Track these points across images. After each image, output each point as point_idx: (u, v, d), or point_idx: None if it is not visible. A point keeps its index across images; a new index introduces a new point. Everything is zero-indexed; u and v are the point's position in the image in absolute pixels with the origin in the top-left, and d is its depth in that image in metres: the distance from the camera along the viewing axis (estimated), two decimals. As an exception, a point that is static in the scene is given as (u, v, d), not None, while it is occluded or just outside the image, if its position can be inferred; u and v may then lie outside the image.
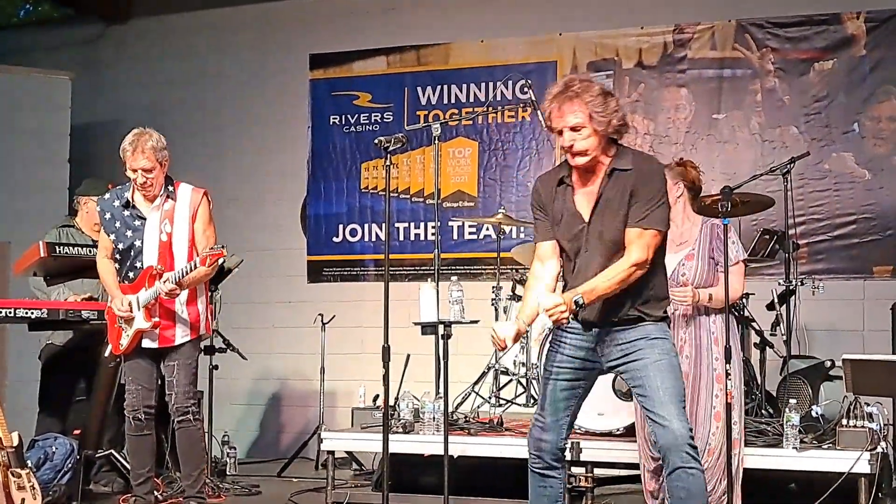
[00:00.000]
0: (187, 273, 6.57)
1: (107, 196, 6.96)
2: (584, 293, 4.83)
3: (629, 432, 6.95)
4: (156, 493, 7.18)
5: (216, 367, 8.69)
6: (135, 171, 6.68)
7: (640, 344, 4.99)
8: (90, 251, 7.71)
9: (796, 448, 6.53)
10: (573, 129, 4.91)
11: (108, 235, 6.84)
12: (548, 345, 5.24)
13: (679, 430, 4.89)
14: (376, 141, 6.24)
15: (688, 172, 6.32)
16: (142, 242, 6.76)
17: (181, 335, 6.78)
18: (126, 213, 6.80)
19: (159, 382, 7.04)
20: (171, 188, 6.83)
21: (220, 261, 6.65)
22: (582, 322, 5.05)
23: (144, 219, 6.78)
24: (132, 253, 6.77)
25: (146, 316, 6.69)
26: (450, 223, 10.09)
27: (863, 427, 6.51)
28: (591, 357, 5.09)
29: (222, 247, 6.53)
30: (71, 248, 7.87)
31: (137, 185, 6.73)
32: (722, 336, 6.12)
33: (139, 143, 6.66)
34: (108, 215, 6.86)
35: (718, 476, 6.05)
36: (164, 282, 6.54)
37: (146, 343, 6.77)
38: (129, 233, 6.78)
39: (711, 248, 6.16)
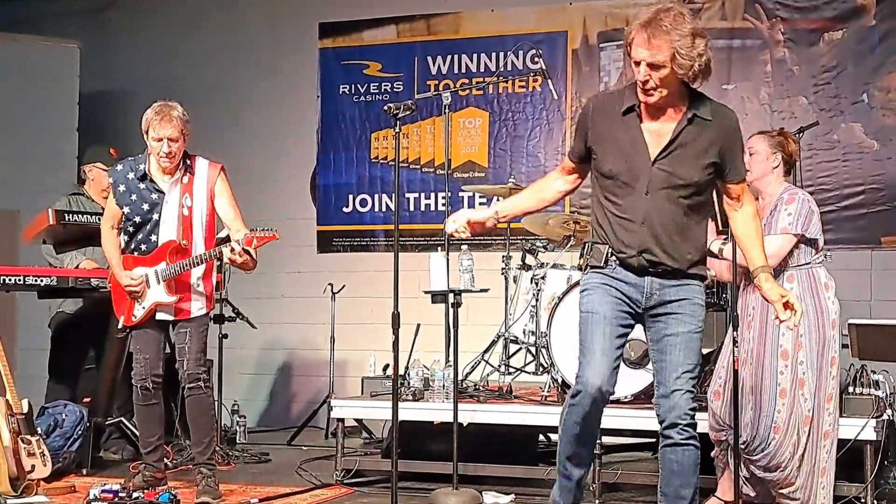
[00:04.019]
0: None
1: (119, 167, 6.83)
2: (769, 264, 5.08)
3: (637, 399, 6.98)
4: (165, 460, 7.19)
5: (226, 336, 8.73)
6: (160, 140, 6.56)
7: (685, 306, 4.85)
8: (99, 219, 7.72)
9: (803, 416, 6.53)
10: (652, 65, 4.70)
11: (122, 208, 6.73)
12: (587, 289, 4.94)
13: (682, 405, 4.82)
14: (385, 108, 6.26)
15: (788, 145, 6.25)
16: (159, 216, 6.68)
17: (197, 308, 6.75)
18: (142, 185, 6.71)
19: (167, 351, 7.07)
20: (188, 162, 6.76)
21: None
22: (636, 269, 4.84)
23: (162, 192, 6.69)
24: (148, 226, 6.71)
25: (168, 289, 6.68)
26: (460, 193, 10.08)
27: (869, 394, 6.51)
28: (634, 307, 4.90)
29: (272, 230, 6.49)
30: (80, 215, 7.88)
31: (162, 154, 6.59)
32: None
33: (166, 112, 6.57)
34: (121, 187, 6.75)
35: (789, 453, 5.99)
36: (232, 250, 6.41)
37: (160, 315, 6.74)
38: (145, 206, 6.68)
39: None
